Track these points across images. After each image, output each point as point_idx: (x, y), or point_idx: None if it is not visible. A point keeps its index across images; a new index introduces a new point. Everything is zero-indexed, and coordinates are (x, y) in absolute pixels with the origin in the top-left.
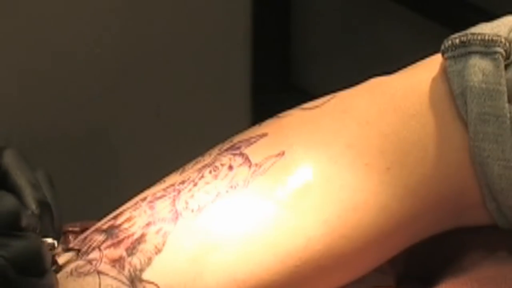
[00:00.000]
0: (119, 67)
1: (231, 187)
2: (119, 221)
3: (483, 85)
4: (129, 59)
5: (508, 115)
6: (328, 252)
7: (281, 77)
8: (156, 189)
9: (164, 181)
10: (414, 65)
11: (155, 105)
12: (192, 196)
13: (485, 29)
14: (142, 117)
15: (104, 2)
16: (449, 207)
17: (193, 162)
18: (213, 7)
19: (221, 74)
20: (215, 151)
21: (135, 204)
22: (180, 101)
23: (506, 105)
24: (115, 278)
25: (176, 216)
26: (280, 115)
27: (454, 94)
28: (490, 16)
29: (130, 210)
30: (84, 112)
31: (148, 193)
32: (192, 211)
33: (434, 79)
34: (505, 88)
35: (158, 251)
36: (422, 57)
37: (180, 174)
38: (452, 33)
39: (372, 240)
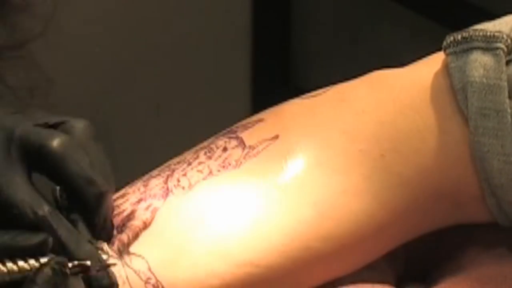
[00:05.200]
0: (119, 66)
1: (223, 167)
2: (114, 196)
3: (484, 80)
4: (129, 58)
5: (509, 110)
6: (316, 234)
7: (281, 77)
8: (154, 170)
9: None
10: (415, 62)
11: (155, 105)
12: (185, 174)
13: (487, 26)
14: (142, 116)
15: (104, 2)
16: (447, 201)
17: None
18: (213, 7)
19: (221, 74)
20: (213, 137)
21: (132, 183)
22: (180, 101)
23: (507, 100)
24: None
25: (167, 192)
26: (280, 104)
27: (455, 89)
28: (490, 16)
29: (126, 188)
30: (84, 111)
31: (147, 174)
32: (183, 188)
33: (435, 74)
34: (505, 84)
35: (145, 226)
36: (422, 57)
37: (178, 157)
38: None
39: (364, 225)
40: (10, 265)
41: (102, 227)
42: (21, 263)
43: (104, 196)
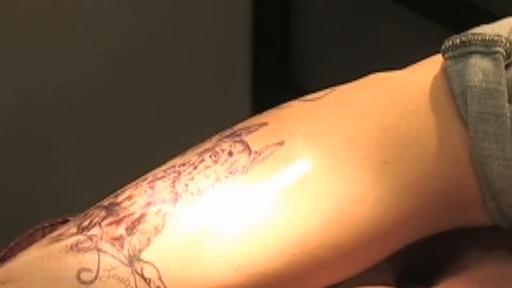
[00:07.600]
0: (120, 67)
1: (231, 172)
2: (119, 198)
3: (484, 85)
4: (129, 58)
5: (509, 114)
6: (325, 242)
7: (281, 77)
8: (157, 170)
9: (165, 164)
10: (415, 64)
11: (155, 105)
12: (192, 179)
13: (486, 29)
14: (142, 117)
15: (105, 2)
16: (448, 205)
17: (194, 147)
18: (213, 7)
19: (221, 74)
20: (215, 137)
21: (136, 184)
22: (180, 101)
23: (506, 104)
24: (114, 257)
25: (176, 198)
26: (281, 106)
27: (454, 94)
28: (491, 16)
29: (131, 189)
30: (84, 112)
31: (149, 174)
32: (192, 194)
33: (434, 78)
34: (505, 88)
35: (157, 232)
36: (423, 57)
37: (181, 158)
38: (453, 33)
39: (370, 232)
40: None
41: None
42: None
43: None
